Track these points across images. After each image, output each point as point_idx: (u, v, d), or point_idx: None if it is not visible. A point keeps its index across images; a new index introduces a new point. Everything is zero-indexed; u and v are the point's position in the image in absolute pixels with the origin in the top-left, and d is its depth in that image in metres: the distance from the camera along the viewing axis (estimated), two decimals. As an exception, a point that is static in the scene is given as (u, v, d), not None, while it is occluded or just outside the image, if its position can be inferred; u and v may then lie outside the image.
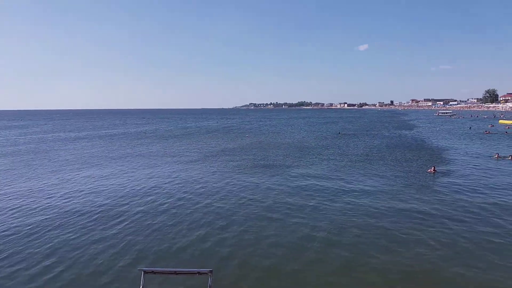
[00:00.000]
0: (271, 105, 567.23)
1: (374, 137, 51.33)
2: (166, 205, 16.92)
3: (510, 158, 28.68)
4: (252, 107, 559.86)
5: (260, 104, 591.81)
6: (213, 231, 13.39)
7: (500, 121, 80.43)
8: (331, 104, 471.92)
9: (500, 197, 17.40)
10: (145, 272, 6.21)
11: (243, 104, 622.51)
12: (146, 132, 68.56)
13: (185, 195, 18.70)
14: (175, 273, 6.43)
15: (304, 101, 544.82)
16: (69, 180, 22.91)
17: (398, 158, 30.21)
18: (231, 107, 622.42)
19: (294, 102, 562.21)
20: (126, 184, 21.42)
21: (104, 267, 10.67)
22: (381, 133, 59.82)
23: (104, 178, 23.48)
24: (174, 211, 15.96)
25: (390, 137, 51.70)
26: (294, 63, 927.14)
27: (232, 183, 21.38)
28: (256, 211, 15.74)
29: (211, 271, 6.09)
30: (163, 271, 6.86)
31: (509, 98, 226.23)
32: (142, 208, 16.44)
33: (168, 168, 26.88)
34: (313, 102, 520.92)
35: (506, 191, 18.63)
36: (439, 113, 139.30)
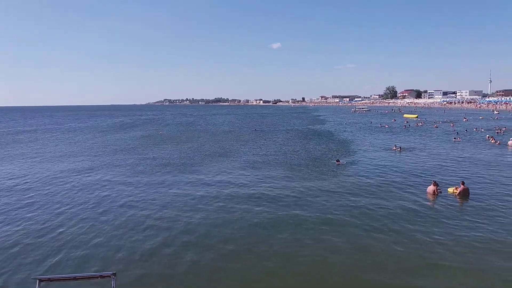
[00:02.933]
0: (187, 101, 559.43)
1: (289, 132, 53.32)
2: (66, 209, 15.50)
3: (399, 149, 31.48)
4: (167, 103, 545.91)
5: (176, 100, 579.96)
6: (118, 234, 12.61)
7: (404, 115, 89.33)
8: (248, 101, 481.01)
9: (393, 186, 19.06)
10: (40, 280, 5.59)
11: (157, 100, 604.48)
12: (67, 130, 62.64)
13: (87, 198, 17.38)
14: (75, 278, 5.89)
15: (221, 98, 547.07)
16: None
17: (310, 151, 31.71)
18: (144, 103, 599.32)
19: (211, 98, 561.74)
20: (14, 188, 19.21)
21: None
22: (295, 128, 62.43)
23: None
24: (75, 215, 14.70)
25: (303, 131, 54.17)
26: (211, 59, 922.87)
27: (142, 182, 20.48)
28: (166, 212, 15.22)
29: (114, 274, 5.70)
30: (61, 278, 6.27)
31: (406, 94, 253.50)
32: (35, 213, 14.86)
33: (74, 168, 24.80)
34: (230, 99, 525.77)
35: (399, 180, 20.46)
36: (356, 109, 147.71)
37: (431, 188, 17.02)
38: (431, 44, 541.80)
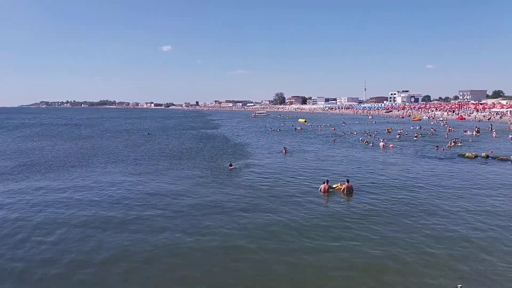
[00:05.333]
0: (68, 104, 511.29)
1: (183, 137, 52.23)
2: None
3: (284, 151, 32.99)
4: (44, 106, 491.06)
5: (54, 102, 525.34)
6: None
7: (299, 119, 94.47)
8: (137, 104, 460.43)
9: (285, 186, 19.86)
10: None
11: (33, 103, 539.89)
12: None
13: None
14: None
15: (107, 100, 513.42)
16: None
17: (205, 156, 31.38)
18: (16, 105, 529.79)
19: (96, 100, 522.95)
20: None
21: None
22: (189, 132, 61.49)
23: None
24: None
25: (198, 135, 53.60)
26: (94, 58, 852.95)
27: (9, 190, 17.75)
28: (34, 224, 13.42)
29: None
30: None
31: (293, 100, 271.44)
32: None
33: None
34: (117, 101, 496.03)
35: (290, 180, 21.38)
36: (255, 114, 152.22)
37: (323, 186, 18.12)
38: (313, 56, 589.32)
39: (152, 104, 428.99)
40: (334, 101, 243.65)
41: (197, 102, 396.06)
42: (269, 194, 17.78)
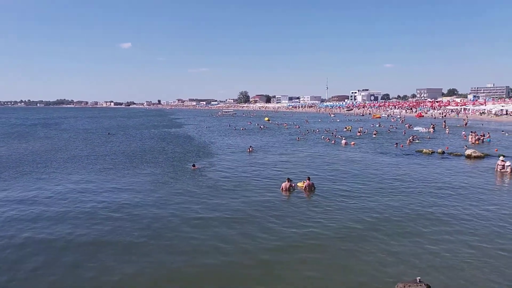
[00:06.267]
0: (23, 103, 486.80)
1: (145, 136, 50.93)
2: None
3: (249, 150, 32.81)
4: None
5: (7, 102, 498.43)
6: None
7: (265, 118, 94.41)
8: (96, 103, 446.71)
9: (249, 185, 19.67)
10: None
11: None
12: None
13: None
14: None
15: (65, 99, 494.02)
16: None
17: (168, 156, 30.65)
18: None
19: (52, 100, 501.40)
20: None
21: None
22: (151, 131, 60.08)
23: None
24: None
25: (160, 135, 52.43)
26: (50, 57, 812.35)
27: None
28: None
29: None
30: None
31: (257, 99, 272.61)
32: None
33: None
34: (75, 100, 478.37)
35: (254, 178, 21.25)
36: (222, 112, 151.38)
37: (285, 184, 18.05)
38: (276, 54, 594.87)
39: (112, 103, 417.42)
40: (297, 100, 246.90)
41: (159, 101, 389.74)
42: (230, 196, 17.30)
